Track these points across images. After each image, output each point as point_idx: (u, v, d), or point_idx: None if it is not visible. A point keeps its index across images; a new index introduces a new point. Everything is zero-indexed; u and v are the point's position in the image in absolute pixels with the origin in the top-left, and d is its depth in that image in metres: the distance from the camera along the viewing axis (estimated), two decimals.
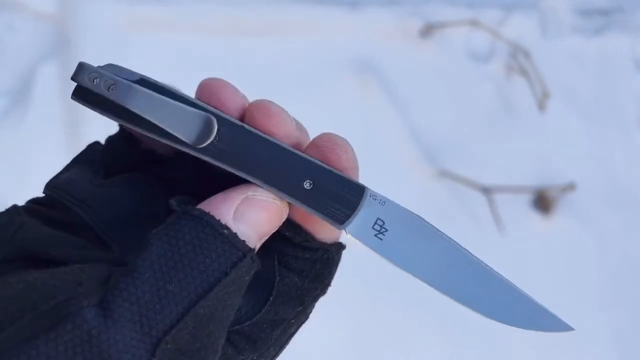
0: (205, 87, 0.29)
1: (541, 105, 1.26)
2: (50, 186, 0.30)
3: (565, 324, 0.30)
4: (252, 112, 0.28)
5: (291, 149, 0.28)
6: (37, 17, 1.09)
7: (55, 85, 1.05)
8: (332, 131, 0.29)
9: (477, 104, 1.27)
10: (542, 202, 1.22)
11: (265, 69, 1.17)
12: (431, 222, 0.30)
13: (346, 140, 0.29)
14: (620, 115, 1.35)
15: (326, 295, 0.30)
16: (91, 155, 0.32)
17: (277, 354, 0.29)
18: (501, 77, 1.29)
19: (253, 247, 0.26)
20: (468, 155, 1.21)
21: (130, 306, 0.22)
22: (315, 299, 0.29)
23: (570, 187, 1.22)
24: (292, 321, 0.28)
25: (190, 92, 0.29)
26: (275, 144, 0.27)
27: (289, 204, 0.28)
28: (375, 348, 1.07)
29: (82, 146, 1.08)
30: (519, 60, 1.29)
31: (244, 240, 0.25)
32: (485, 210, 1.17)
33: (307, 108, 1.20)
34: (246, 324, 0.27)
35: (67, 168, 0.31)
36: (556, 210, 1.23)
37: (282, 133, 0.28)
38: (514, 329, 1.09)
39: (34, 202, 0.29)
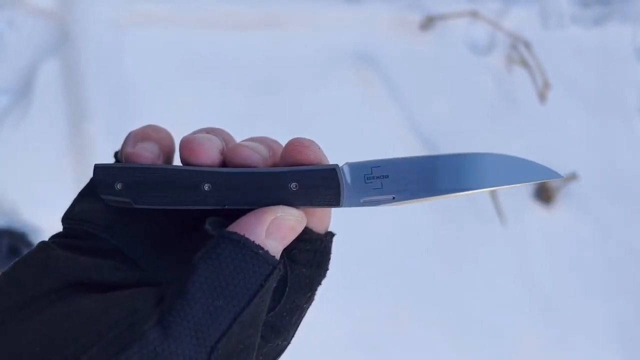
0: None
1: (542, 96, 1.26)
2: (68, 219, 0.32)
3: (555, 172, 0.34)
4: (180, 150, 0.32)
5: (263, 170, 0.31)
6: (38, 13, 1.09)
7: (57, 81, 1.05)
8: (333, 124, 0.30)
9: (477, 96, 1.27)
10: (544, 193, 1.22)
11: (266, 63, 1.17)
12: (433, 214, 0.32)
13: (312, 141, 0.32)
14: (621, 106, 1.34)
15: (330, 291, 0.32)
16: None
17: (293, 335, 0.33)
18: (502, 68, 1.29)
19: (279, 259, 0.30)
20: (469, 147, 1.21)
21: (188, 324, 0.26)
22: (319, 283, 0.33)
23: (571, 177, 1.22)
24: (304, 306, 0.33)
25: (188, 87, 0.29)
26: (250, 172, 0.31)
27: None
28: (378, 343, 1.07)
29: (84, 142, 1.07)
30: (519, 51, 1.28)
31: (274, 256, 0.29)
32: (487, 202, 1.17)
33: (307, 101, 1.20)
34: (270, 315, 0.31)
35: (77, 201, 0.33)
36: (558, 201, 1.23)
37: (206, 162, 0.31)
38: (517, 320, 1.10)
39: (57, 236, 0.32)
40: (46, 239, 0.31)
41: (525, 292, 1.17)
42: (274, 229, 0.29)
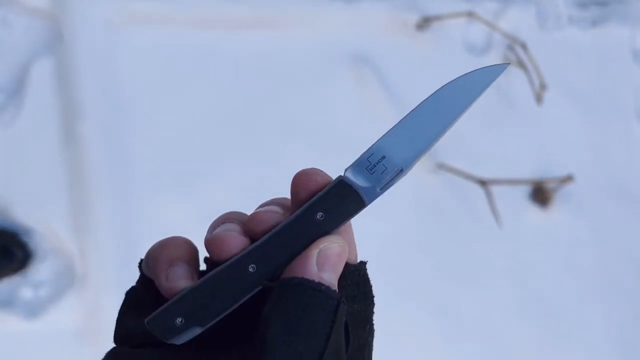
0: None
1: (539, 98, 1.26)
2: (123, 339, 0.33)
3: (503, 64, 0.36)
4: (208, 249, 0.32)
5: (287, 220, 0.32)
6: (31, 12, 1.09)
7: (50, 80, 1.05)
8: (329, 125, 0.30)
9: None
10: (540, 194, 1.22)
11: (262, 63, 1.16)
12: (429, 216, 0.32)
13: (313, 168, 0.32)
14: (618, 107, 1.35)
15: None
16: (135, 299, 0.34)
17: None
18: None
19: (339, 293, 0.30)
20: (465, 148, 1.21)
21: None
22: (372, 313, 0.34)
23: (568, 179, 1.22)
24: (369, 339, 0.34)
25: (182, 87, 0.29)
26: (279, 230, 0.31)
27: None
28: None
29: (77, 142, 1.07)
30: (516, 52, 1.28)
31: (335, 290, 0.30)
32: (483, 203, 1.17)
33: (303, 102, 1.20)
34: None
35: (120, 321, 0.33)
36: (554, 202, 1.23)
37: (229, 254, 0.31)
38: (513, 321, 1.09)
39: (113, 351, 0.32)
40: (38, 239, 0.31)
41: (522, 294, 1.17)
42: (323, 260, 0.30)
